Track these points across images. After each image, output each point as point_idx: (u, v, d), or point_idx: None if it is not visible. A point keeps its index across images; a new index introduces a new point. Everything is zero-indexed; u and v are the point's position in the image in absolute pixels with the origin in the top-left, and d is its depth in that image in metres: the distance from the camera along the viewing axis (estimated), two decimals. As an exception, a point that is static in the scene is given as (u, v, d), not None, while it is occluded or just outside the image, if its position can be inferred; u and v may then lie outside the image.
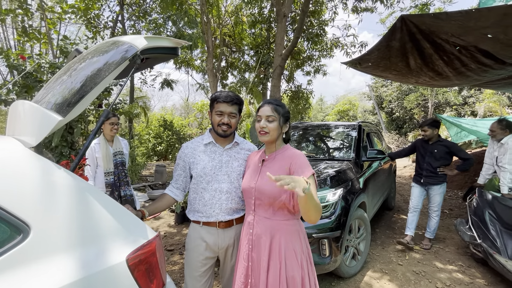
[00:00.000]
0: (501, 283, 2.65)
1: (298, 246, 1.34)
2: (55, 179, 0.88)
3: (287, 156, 1.36)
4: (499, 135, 3.13)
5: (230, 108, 1.47)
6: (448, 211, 4.89)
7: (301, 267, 1.32)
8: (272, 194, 1.30)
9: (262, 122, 1.36)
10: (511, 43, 2.63)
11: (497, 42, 2.67)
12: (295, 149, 1.41)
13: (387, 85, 18.54)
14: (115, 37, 1.37)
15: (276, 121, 1.36)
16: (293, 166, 1.30)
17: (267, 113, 1.36)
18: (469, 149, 8.57)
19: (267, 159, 1.42)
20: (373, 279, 2.69)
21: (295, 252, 1.32)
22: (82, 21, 7.23)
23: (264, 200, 1.33)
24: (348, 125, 3.92)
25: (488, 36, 2.58)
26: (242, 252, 1.41)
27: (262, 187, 1.34)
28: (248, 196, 1.40)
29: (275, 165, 1.37)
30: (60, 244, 0.82)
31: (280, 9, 5.85)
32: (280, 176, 1.04)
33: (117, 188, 2.62)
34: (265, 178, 1.34)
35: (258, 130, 1.38)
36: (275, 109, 1.36)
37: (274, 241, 1.32)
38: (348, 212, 2.53)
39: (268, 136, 1.36)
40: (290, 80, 9.28)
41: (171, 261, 3.10)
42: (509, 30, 2.41)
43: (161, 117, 14.16)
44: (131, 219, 1.05)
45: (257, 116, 1.40)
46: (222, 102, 1.46)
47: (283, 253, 1.30)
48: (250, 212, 1.40)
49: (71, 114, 0.97)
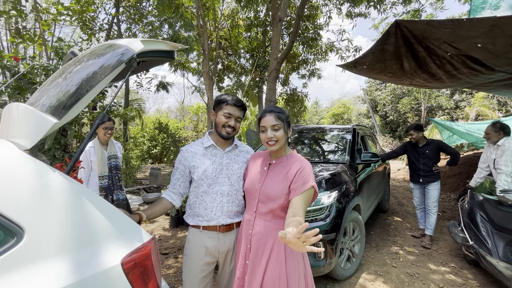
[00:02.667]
0: (492, 284, 2.69)
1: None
2: (49, 181, 0.88)
3: (295, 165, 1.36)
4: (493, 138, 3.20)
5: (238, 113, 1.49)
6: (441, 213, 4.96)
7: (299, 268, 1.34)
8: (276, 197, 1.33)
9: (269, 132, 1.35)
10: (499, 54, 2.71)
11: (486, 52, 2.75)
12: (302, 157, 1.42)
13: (381, 88, 18.77)
14: (111, 40, 1.37)
15: (282, 128, 1.36)
16: (298, 175, 1.31)
17: (272, 123, 1.35)
18: (461, 152, 8.72)
19: (273, 164, 1.43)
20: (367, 281, 2.71)
21: (292, 253, 1.34)
22: (77, 23, 7.19)
23: (266, 203, 1.36)
24: (343, 128, 3.97)
25: (478, 46, 2.65)
26: (241, 251, 1.42)
27: (267, 190, 1.35)
28: (252, 198, 1.42)
29: (282, 171, 1.38)
30: (55, 247, 0.82)
31: (276, 13, 5.90)
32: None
33: (111, 192, 2.60)
34: (271, 183, 1.36)
35: (266, 141, 1.37)
36: (278, 117, 1.37)
37: (272, 242, 1.34)
38: (342, 215, 2.55)
39: (278, 144, 1.36)
40: (285, 83, 9.36)
41: (166, 264, 3.08)
42: (498, 41, 2.48)
43: (156, 119, 14.08)
44: (126, 222, 1.05)
45: (261, 127, 1.39)
46: (232, 105, 1.47)
47: (282, 253, 1.32)
48: (251, 212, 1.42)
49: (67, 117, 0.96)
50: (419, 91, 15.44)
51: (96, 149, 2.62)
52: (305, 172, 1.32)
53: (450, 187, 6.76)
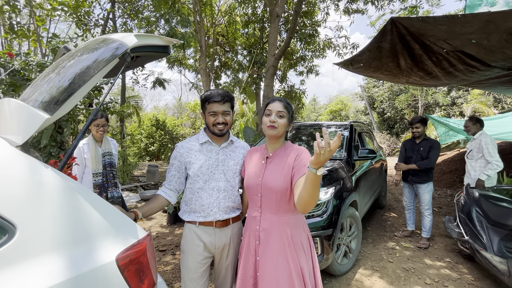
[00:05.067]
0: (487, 278, 2.72)
1: (304, 239, 1.39)
2: (42, 178, 0.87)
3: (292, 153, 1.38)
4: (472, 130, 3.52)
5: (222, 107, 1.45)
6: (437, 209, 5.00)
7: (308, 258, 1.36)
8: (278, 189, 1.33)
9: (272, 116, 1.37)
10: (494, 49, 2.72)
11: (481, 47, 2.75)
12: (298, 146, 1.43)
13: (378, 85, 18.80)
14: (105, 34, 1.35)
15: (286, 117, 1.38)
16: (297, 160, 1.33)
17: (278, 109, 1.37)
18: (457, 148, 8.77)
19: (271, 156, 1.43)
20: (364, 276, 2.73)
21: (302, 245, 1.36)
22: (72, 19, 7.08)
23: (269, 196, 1.36)
24: (340, 124, 3.97)
25: (472, 42, 2.65)
26: (250, 247, 1.42)
27: (268, 183, 1.35)
28: (254, 193, 1.41)
29: (280, 161, 1.39)
30: (48, 244, 0.81)
31: (273, 9, 5.87)
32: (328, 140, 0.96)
33: (105, 190, 2.58)
34: (270, 175, 1.37)
35: (267, 124, 1.38)
36: (285, 106, 1.39)
37: (282, 235, 1.34)
38: (339, 211, 2.56)
39: (276, 130, 1.37)
40: (283, 80, 9.33)
41: (164, 261, 3.08)
42: (492, 36, 2.48)
43: (154, 116, 14.00)
44: (121, 219, 1.04)
45: (267, 111, 1.40)
46: (213, 102, 1.44)
47: (292, 246, 1.33)
48: (256, 209, 1.41)
49: (59, 113, 0.95)
50: (416, 88, 15.49)
51: (90, 146, 2.60)
52: (304, 156, 1.34)
53: (446, 183, 6.82)
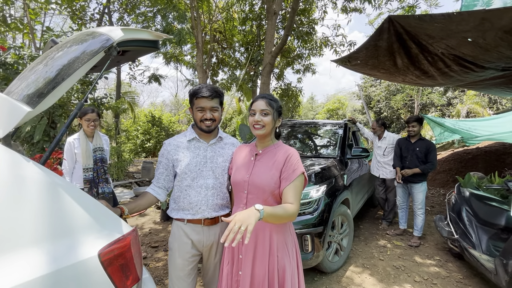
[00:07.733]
0: (475, 276, 2.76)
1: (289, 239, 1.38)
2: (23, 172, 0.86)
3: (282, 153, 1.37)
4: (378, 131, 4.09)
5: (211, 103, 1.44)
6: (429, 208, 5.05)
7: (292, 259, 1.36)
8: (265, 187, 1.32)
9: (256, 116, 1.36)
10: (490, 48, 2.73)
11: (477, 46, 2.76)
12: (288, 146, 1.42)
13: (376, 85, 18.85)
14: (93, 28, 1.34)
15: (270, 115, 1.37)
16: (286, 164, 1.32)
17: (262, 107, 1.36)
18: (451, 148, 8.85)
19: (260, 154, 1.42)
20: (354, 274, 2.76)
21: (286, 245, 1.35)
22: (67, 13, 6.99)
23: (256, 194, 1.35)
24: (335, 123, 3.98)
25: (468, 40, 2.66)
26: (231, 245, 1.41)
27: (255, 180, 1.35)
28: (240, 190, 1.40)
29: (269, 160, 1.38)
30: (27, 238, 0.80)
31: (271, 6, 5.84)
32: (230, 223, 1.03)
33: (96, 185, 2.56)
34: (259, 172, 1.36)
35: (253, 124, 1.38)
36: (269, 103, 1.38)
37: (266, 234, 1.34)
38: (331, 209, 2.57)
39: (263, 129, 1.36)
40: (280, 78, 9.31)
41: (155, 257, 3.08)
42: (488, 34, 2.49)
43: (149, 113, 13.90)
44: (106, 214, 1.03)
45: (251, 111, 1.40)
46: (201, 98, 1.42)
47: (275, 245, 1.33)
48: (241, 206, 1.40)
49: (41, 106, 0.94)
50: (412, 88, 15.56)
51: (80, 141, 2.57)
52: (293, 159, 1.34)
53: (439, 183, 6.89)
